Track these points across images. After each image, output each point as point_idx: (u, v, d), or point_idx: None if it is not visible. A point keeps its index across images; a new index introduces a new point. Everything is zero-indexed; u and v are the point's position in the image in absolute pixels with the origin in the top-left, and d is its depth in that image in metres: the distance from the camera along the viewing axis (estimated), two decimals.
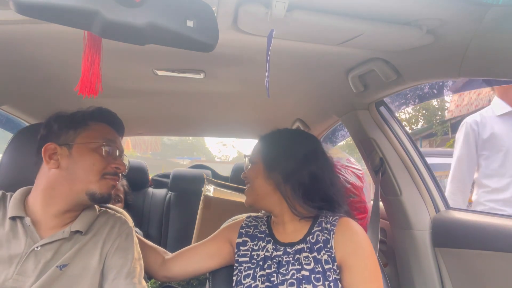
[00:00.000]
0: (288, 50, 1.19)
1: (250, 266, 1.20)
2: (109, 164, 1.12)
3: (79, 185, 1.08)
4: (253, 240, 1.26)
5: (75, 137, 1.11)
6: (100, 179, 1.10)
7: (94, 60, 0.81)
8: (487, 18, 0.88)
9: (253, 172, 1.24)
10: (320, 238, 1.16)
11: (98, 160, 1.10)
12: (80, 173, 1.08)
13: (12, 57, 1.25)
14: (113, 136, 1.18)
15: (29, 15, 0.68)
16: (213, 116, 2.35)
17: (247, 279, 1.18)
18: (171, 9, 0.73)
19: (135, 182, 2.72)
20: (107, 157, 1.12)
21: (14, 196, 1.11)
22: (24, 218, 1.06)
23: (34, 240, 1.04)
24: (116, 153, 1.16)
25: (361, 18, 0.93)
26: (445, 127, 13.17)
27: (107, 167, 1.11)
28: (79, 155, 1.09)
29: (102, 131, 1.15)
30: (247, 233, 1.28)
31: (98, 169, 1.09)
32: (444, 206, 1.63)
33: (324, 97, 1.77)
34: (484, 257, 1.35)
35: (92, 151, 1.10)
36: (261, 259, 1.20)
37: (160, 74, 1.47)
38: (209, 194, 2.19)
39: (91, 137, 1.12)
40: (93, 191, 1.08)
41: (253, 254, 1.22)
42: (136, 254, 1.14)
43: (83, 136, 1.12)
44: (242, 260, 1.23)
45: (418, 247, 1.58)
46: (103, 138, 1.13)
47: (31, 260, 1.01)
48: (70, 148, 1.10)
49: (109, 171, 1.12)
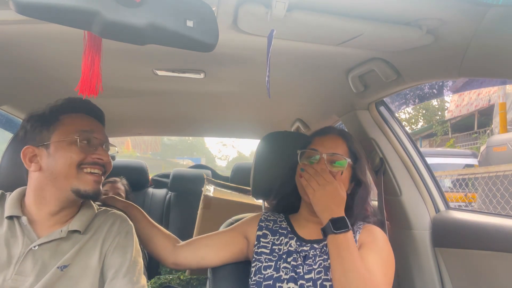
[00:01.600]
0: (288, 50, 1.19)
1: (271, 259, 1.20)
2: (88, 155, 1.08)
3: (63, 182, 1.06)
4: (274, 235, 1.26)
5: (50, 136, 1.08)
6: (79, 173, 1.06)
7: (94, 60, 0.81)
8: (487, 18, 0.88)
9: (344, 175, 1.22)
10: None
11: (75, 153, 1.06)
12: (60, 170, 1.06)
13: (12, 57, 1.25)
14: (90, 126, 1.12)
15: (29, 15, 0.68)
16: (213, 116, 2.35)
17: (268, 269, 1.18)
18: (171, 9, 0.73)
19: (135, 182, 2.72)
20: (87, 149, 1.08)
21: (11, 196, 1.11)
22: (21, 217, 1.06)
23: (31, 240, 1.04)
24: (95, 143, 1.10)
25: (361, 18, 0.93)
26: (445, 127, 13.18)
27: (86, 158, 1.07)
28: (56, 153, 1.06)
29: (76, 123, 1.11)
30: (267, 226, 1.28)
31: (76, 162, 1.06)
32: (444, 206, 1.63)
33: (324, 97, 1.77)
34: (484, 257, 1.35)
35: (68, 146, 1.06)
36: (284, 253, 1.20)
37: (160, 74, 1.47)
38: (209, 194, 2.19)
39: (65, 132, 1.08)
40: (77, 188, 1.06)
41: (274, 248, 1.22)
42: (136, 252, 1.13)
43: (57, 133, 1.09)
44: (262, 251, 1.22)
45: (418, 247, 1.58)
46: (77, 130, 1.08)
47: (29, 259, 1.01)
48: (47, 148, 1.08)
49: (88, 161, 1.07)
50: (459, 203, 5.04)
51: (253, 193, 1.55)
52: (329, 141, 1.25)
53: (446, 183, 5.77)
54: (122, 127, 2.55)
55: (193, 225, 2.17)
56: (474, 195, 5.02)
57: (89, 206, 1.17)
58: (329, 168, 1.19)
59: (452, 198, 5.12)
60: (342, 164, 1.21)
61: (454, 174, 5.51)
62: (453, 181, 5.54)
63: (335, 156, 1.21)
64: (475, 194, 4.94)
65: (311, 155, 1.23)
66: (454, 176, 5.46)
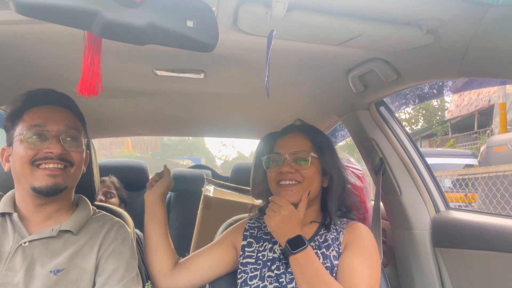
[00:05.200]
0: (288, 50, 1.19)
1: (256, 267, 1.19)
2: (40, 150, 1.04)
3: (23, 181, 1.05)
4: (258, 242, 1.25)
5: (13, 134, 1.08)
6: (33, 170, 1.03)
7: (94, 60, 0.81)
8: (487, 18, 0.88)
9: (311, 170, 1.20)
10: (329, 237, 1.19)
11: (25, 150, 1.03)
12: (17, 169, 1.05)
13: (12, 57, 1.25)
14: (41, 119, 1.06)
15: (29, 15, 0.68)
16: (213, 116, 2.35)
17: (254, 280, 1.17)
18: (171, 9, 0.73)
19: (135, 182, 2.72)
20: (38, 144, 1.04)
21: (6, 195, 1.12)
22: (12, 214, 1.07)
23: (22, 236, 1.04)
24: (47, 136, 1.05)
25: (361, 18, 0.93)
26: (445, 127, 13.17)
27: (38, 154, 1.03)
28: (14, 152, 1.06)
29: (31, 118, 1.06)
30: (251, 234, 1.27)
31: (27, 159, 1.03)
32: (444, 206, 1.63)
33: (324, 97, 1.77)
34: (484, 257, 1.35)
35: (21, 143, 1.04)
36: (268, 260, 1.19)
37: (160, 74, 1.47)
38: (209, 194, 2.19)
39: (20, 129, 1.06)
40: (33, 185, 1.03)
41: (259, 255, 1.21)
42: (132, 259, 1.12)
43: (16, 131, 1.07)
44: (247, 262, 1.21)
45: (418, 247, 1.58)
46: (28, 126, 1.05)
47: (19, 255, 1.02)
48: (12, 147, 1.08)
49: (40, 157, 1.03)
50: (459, 203, 5.04)
51: (253, 193, 1.55)
52: (289, 140, 1.24)
53: (446, 183, 5.77)
54: (122, 127, 2.55)
55: (193, 225, 2.17)
56: (474, 195, 5.02)
57: (84, 207, 1.17)
58: (295, 167, 1.18)
59: (452, 198, 5.12)
60: (305, 159, 1.19)
61: (454, 174, 5.51)
62: (453, 181, 5.54)
63: (297, 154, 1.19)
64: (475, 194, 4.94)
65: (275, 158, 1.23)
66: (454, 176, 5.46)
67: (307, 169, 1.18)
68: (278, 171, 1.19)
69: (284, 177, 1.18)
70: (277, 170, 1.19)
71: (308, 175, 1.18)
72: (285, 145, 1.23)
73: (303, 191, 1.17)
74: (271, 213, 1.14)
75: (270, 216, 1.14)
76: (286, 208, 1.13)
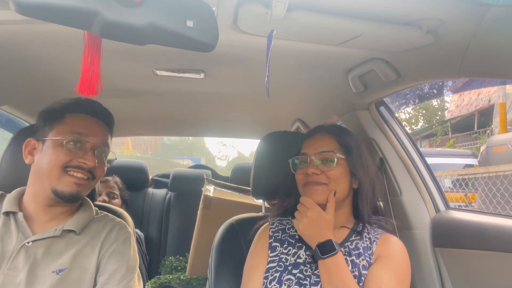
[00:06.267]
0: (288, 50, 1.19)
1: (277, 269, 1.15)
2: (75, 158, 1.06)
3: (45, 181, 1.06)
4: (282, 244, 1.21)
5: (49, 132, 1.09)
6: (62, 175, 1.05)
7: (94, 60, 0.81)
8: (487, 18, 0.88)
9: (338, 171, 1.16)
10: (360, 245, 1.15)
11: (62, 154, 1.05)
12: (44, 169, 1.06)
13: (12, 57, 1.25)
14: (86, 128, 1.10)
15: (29, 15, 0.68)
16: (213, 116, 2.35)
17: (272, 282, 1.13)
18: (171, 9, 0.73)
19: (135, 182, 2.72)
20: (75, 151, 1.07)
21: (10, 194, 1.12)
22: (17, 213, 1.07)
23: (26, 236, 1.05)
24: (86, 147, 1.08)
25: (361, 18, 0.93)
26: (445, 127, 13.18)
27: (72, 161, 1.06)
28: (46, 151, 1.07)
29: (76, 124, 1.10)
30: (276, 238, 1.22)
31: (60, 163, 1.05)
32: (444, 206, 1.63)
33: (324, 97, 1.77)
34: (484, 257, 1.35)
35: (58, 146, 1.06)
36: (290, 264, 1.15)
37: (160, 74, 1.47)
38: (209, 194, 2.19)
39: (62, 131, 1.08)
40: (55, 188, 1.05)
41: (282, 257, 1.17)
42: (133, 260, 1.12)
43: (55, 131, 1.09)
44: (270, 266, 1.17)
45: (418, 247, 1.58)
46: (72, 132, 1.08)
47: (22, 255, 1.02)
48: (43, 144, 1.08)
49: (73, 164, 1.06)
50: (459, 203, 5.04)
51: (253, 193, 1.55)
52: (316, 141, 1.22)
53: (446, 183, 5.77)
54: (122, 127, 2.55)
55: (193, 225, 2.17)
56: (474, 195, 5.02)
57: (87, 207, 1.17)
58: (322, 168, 1.15)
59: (452, 198, 5.12)
60: (330, 160, 1.16)
61: (454, 174, 5.51)
62: (453, 181, 5.54)
63: (323, 154, 1.17)
64: (475, 194, 4.94)
65: (302, 160, 1.21)
66: (454, 176, 5.46)
67: (333, 170, 1.15)
68: (304, 173, 1.17)
69: (310, 179, 1.16)
70: (303, 172, 1.18)
71: (334, 177, 1.15)
72: (311, 146, 1.21)
73: (329, 192, 1.14)
74: (299, 215, 1.13)
75: (298, 219, 1.13)
76: (313, 210, 1.11)
